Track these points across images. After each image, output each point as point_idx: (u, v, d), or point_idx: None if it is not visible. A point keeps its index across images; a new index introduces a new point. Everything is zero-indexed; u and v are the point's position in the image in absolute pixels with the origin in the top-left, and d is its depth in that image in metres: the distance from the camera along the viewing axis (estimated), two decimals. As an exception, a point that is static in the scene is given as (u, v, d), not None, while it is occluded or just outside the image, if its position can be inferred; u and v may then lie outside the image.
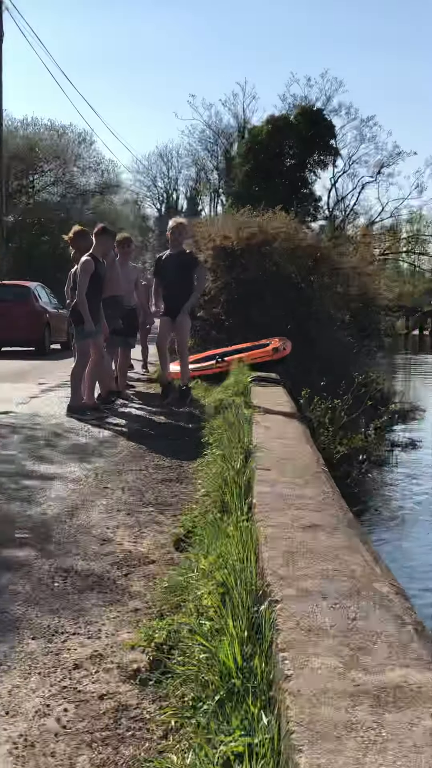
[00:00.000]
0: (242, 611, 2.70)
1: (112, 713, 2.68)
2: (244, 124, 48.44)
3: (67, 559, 4.23)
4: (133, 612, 3.56)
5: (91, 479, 6.07)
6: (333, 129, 41.76)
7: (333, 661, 2.22)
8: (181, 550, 4.35)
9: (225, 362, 11.64)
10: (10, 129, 37.55)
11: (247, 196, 34.68)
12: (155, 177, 61.27)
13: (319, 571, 2.98)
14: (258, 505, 4.02)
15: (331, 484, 4.75)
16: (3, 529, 4.67)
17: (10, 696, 2.77)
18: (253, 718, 2.14)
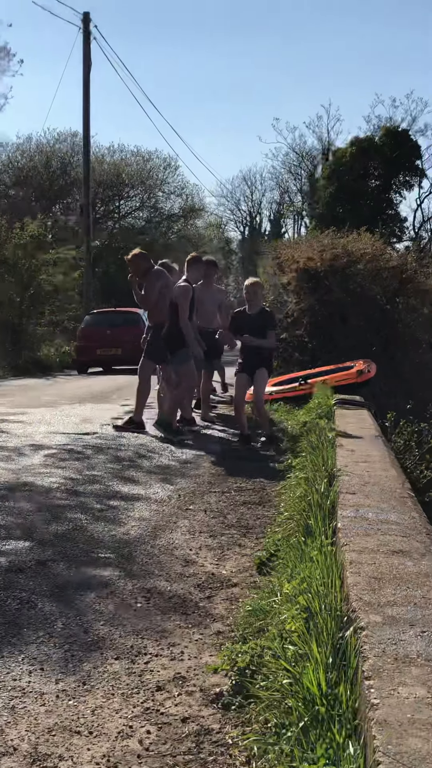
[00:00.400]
0: (327, 637, 2.65)
1: (195, 737, 2.66)
2: (329, 146, 48.38)
3: (150, 580, 4.24)
4: (215, 635, 3.54)
5: (174, 500, 6.09)
6: (419, 149, 41.30)
7: (421, 690, 2.16)
8: (264, 573, 4.32)
9: (308, 384, 11.57)
10: (98, 156, 38.46)
11: (331, 217, 34.58)
12: (239, 200, 61.72)
13: (405, 597, 2.92)
14: (342, 529, 3.96)
15: (417, 509, 4.65)
16: (88, 549, 4.72)
17: (94, 716, 2.78)
18: (339, 746, 2.09)
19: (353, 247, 15.92)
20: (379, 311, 15.49)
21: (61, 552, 4.65)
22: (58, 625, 3.57)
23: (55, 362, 21.78)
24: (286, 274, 16.12)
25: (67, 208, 38.08)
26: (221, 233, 58.94)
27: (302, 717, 2.32)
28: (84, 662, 3.20)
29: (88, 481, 6.52)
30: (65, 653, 3.28)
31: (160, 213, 41.67)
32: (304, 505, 4.83)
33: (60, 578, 4.20)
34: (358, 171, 38.54)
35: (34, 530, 5.06)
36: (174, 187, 42.11)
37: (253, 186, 62.58)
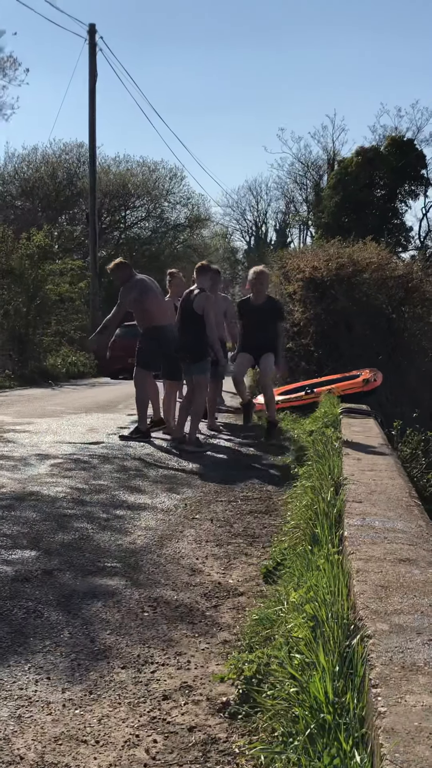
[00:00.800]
0: (333, 645, 2.64)
1: (201, 746, 2.65)
2: (334, 156, 48.48)
3: (157, 589, 4.23)
4: (222, 644, 3.53)
5: (180, 509, 6.09)
6: (424, 159, 41.35)
7: (428, 698, 2.15)
8: (271, 582, 4.31)
9: (314, 393, 11.57)
10: (104, 166, 38.62)
11: (337, 227, 34.62)
12: (244, 210, 61.79)
13: (412, 605, 2.91)
14: (349, 537, 3.95)
15: (424, 518, 4.63)
16: (94, 559, 4.72)
17: (100, 725, 2.78)
18: (346, 755, 2.09)
19: (359, 256, 15.94)
20: (385, 320, 15.49)
21: (67, 561, 4.65)
22: (65, 635, 3.57)
23: (61, 372, 21.83)
24: (292, 284, 16.13)
25: (73, 218, 38.20)
26: (227, 243, 59.10)
27: (309, 725, 2.31)
28: (90, 671, 3.20)
29: (94, 491, 6.52)
30: (72, 662, 3.27)
31: (166, 223, 41.77)
32: (310, 513, 4.82)
33: (66, 587, 4.20)
34: (363, 181, 38.59)
35: (41, 539, 5.06)
36: (180, 197, 42.27)
37: (259, 196, 62.78)
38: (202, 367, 8.87)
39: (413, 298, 16.02)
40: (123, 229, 40.18)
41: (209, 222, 49.23)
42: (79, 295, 24.66)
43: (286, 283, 16.51)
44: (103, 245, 36.28)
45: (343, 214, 38.62)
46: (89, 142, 27.86)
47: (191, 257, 39.62)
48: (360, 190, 38.39)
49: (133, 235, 39.97)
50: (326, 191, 41.38)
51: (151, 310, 9.31)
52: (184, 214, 42.88)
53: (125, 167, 40.50)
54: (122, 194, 39.11)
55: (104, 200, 37.15)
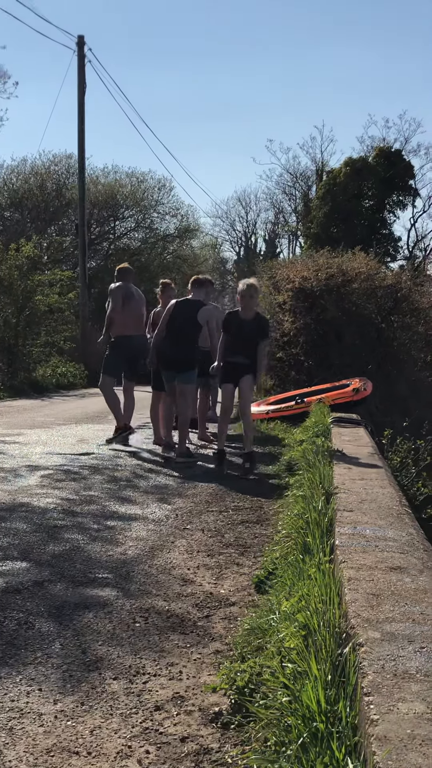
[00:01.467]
0: (325, 654, 2.65)
1: (194, 756, 2.64)
2: (322, 167, 48.65)
3: (148, 600, 4.23)
4: (214, 654, 3.53)
5: (171, 520, 6.09)
6: (412, 169, 41.59)
7: (420, 706, 2.15)
8: (262, 592, 4.31)
9: (305, 403, 11.59)
10: (93, 177, 38.64)
11: (326, 237, 34.77)
12: (234, 221, 61.90)
13: (404, 613, 2.91)
14: (340, 546, 3.96)
15: (415, 526, 4.65)
16: (85, 570, 4.71)
17: (92, 736, 2.77)
18: (338, 763, 2.08)
19: (348, 266, 16.01)
20: (374, 330, 15.55)
21: (58, 572, 4.63)
22: (56, 646, 3.55)
23: (51, 383, 21.79)
24: (282, 294, 16.18)
25: (62, 229, 38.17)
26: (216, 253, 59.16)
27: (301, 734, 2.31)
28: (82, 682, 3.18)
29: (84, 502, 6.51)
30: (63, 674, 3.26)
31: (156, 233, 41.78)
32: (301, 522, 4.82)
33: (57, 599, 4.19)
34: (351, 191, 38.77)
35: (31, 551, 5.05)
36: (169, 207, 42.29)
37: (248, 206, 62.86)
38: (189, 377, 8.87)
39: (402, 307, 16.09)
40: (112, 239, 40.18)
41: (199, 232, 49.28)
42: (68, 306, 24.62)
43: (276, 293, 16.55)
44: (92, 256, 36.29)
45: (331, 225, 38.79)
46: (78, 153, 27.93)
47: (181, 268, 39.68)
48: (348, 201, 38.57)
49: (122, 246, 39.96)
50: (315, 202, 41.55)
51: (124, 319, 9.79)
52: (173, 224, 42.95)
53: (114, 178, 40.57)
54: (111, 205, 39.13)
55: (93, 211, 37.17)
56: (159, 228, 42.08)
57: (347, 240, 25.71)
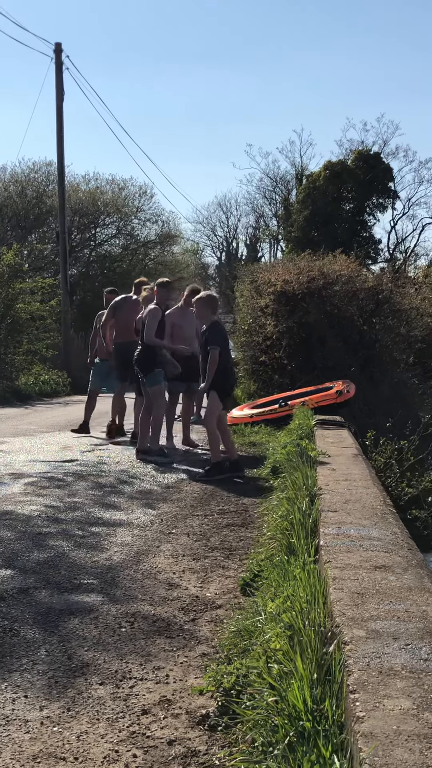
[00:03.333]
0: (311, 653, 2.65)
1: (182, 759, 2.64)
2: (302, 171, 48.78)
3: (134, 605, 4.21)
4: (200, 657, 3.52)
5: (156, 525, 6.07)
6: (391, 172, 41.84)
7: (406, 702, 2.16)
8: (248, 594, 4.30)
9: (288, 406, 11.59)
10: (73, 184, 38.50)
11: (307, 241, 34.88)
12: (215, 226, 61.95)
13: (388, 611, 2.92)
14: (325, 546, 3.96)
15: (399, 525, 4.66)
16: (70, 576, 4.69)
17: (79, 741, 2.75)
18: (325, 761, 2.08)
19: (329, 269, 16.03)
20: (356, 332, 15.58)
21: (43, 579, 4.61)
22: (42, 652, 3.54)
23: (34, 391, 21.69)
24: (264, 298, 16.19)
25: (43, 236, 38.01)
26: (198, 259, 59.17)
27: (288, 734, 2.31)
28: (68, 688, 3.17)
29: (69, 508, 6.49)
30: (49, 680, 3.25)
31: (137, 240, 41.67)
32: (286, 524, 4.83)
33: (42, 605, 4.17)
34: (331, 194, 38.94)
35: (16, 558, 5.03)
36: (150, 214, 42.20)
37: (229, 211, 62.96)
38: (152, 379, 9.03)
39: (384, 309, 16.14)
40: (93, 246, 40.03)
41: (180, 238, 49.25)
42: (50, 314, 24.52)
43: (258, 297, 16.56)
44: (73, 263, 36.15)
45: (312, 228, 38.93)
46: (57, 161, 27.81)
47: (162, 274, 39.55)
48: (328, 204, 38.74)
49: (103, 253, 39.82)
50: (295, 206, 41.70)
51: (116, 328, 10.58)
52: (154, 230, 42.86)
53: (95, 185, 40.46)
54: (92, 212, 38.99)
55: (74, 218, 37.03)
56: (140, 234, 42.01)
57: (328, 243, 25.79)
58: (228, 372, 8.44)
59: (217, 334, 8.25)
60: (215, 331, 8.33)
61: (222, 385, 8.26)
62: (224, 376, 8.28)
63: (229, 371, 8.47)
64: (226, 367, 8.30)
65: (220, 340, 8.20)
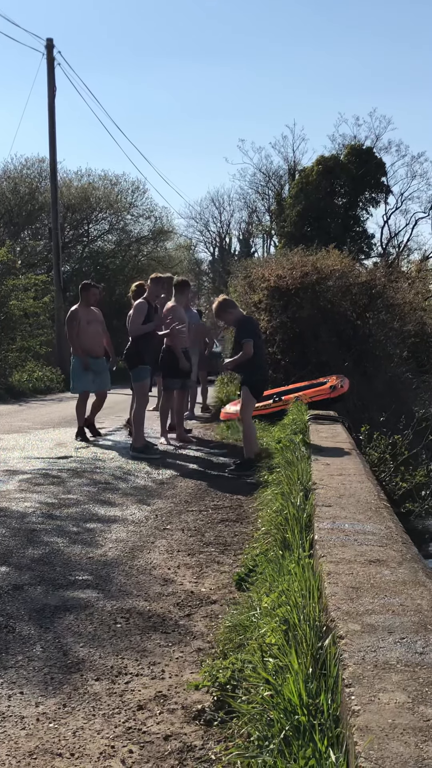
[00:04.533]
0: (306, 647, 2.65)
1: (178, 754, 2.64)
2: (295, 166, 48.81)
3: (129, 600, 4.22)
4: (196, 652, 3.53)
5: (151, 521, 6.07)
6: (383, 167, 41.86)
7: (401, 696, 2.16)
8: (243, 589, 4.31)
9: (282, 401, 11.60)
10: (66, 180, 38.45)
11: (300, 236, 34.86)
12: (207, 221, 61.90)
13: (383, 605, 2.92)
14: (319, 541, 3.97)
15: (393, 520, 4.67)
16: (65, 572, 4.69)
17: (75, 737, 2.76)
18: (321, 755, 2.09)
19: (322, 264, 16.02)
20: (350, 327, 15.57)
21: (38, 576, 4.61)
22: (37, 649, 3.54)
23: (28, 388, 21.66)
24: (257, 293, 16.18)
25: (36, 233, 37.96)
26: (191, 255, 59.10)
27: (284, 728, 2.32)
28: (64, 684, 3.17)
29: (64, 505, 6.49)
30: (45, 676, 3.25)
31: (130, 236, 41.62)
32: (280, 519, 4.83)
33: (37, 602, 4.17)
34: (324, 189, 38.93)
35: (10, 555, 5.02)
36: (142, 209, 42.17)
37: (221, 207, 63.00)
38: (136, 375, 9.13)
39: (377, 304, 16.13)
40: (86, 242, 39.99)
41: (173, 234, 49.17)
42: (43, 310, 24.49)
43: (251, 292, 16.55)
44: (66, 259, 36.11)
45: (305, 223, 38.92)
46: (50, 157, 27.76)
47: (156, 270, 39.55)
48: (321, 199, 38.72)
49: (96, 249, 39.74)
50: (288, 201, 41.66)
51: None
52: (147, 226, 42.81)
53: (87, 181, 40.37)
54: (84, 208, 38.94)
55: (67, 214, 36.99)
56: (133, 230, 41.97)
57: (321, 238, 25.72)
58: (261, 367, 8.40)
59: (249, 327, 8.34)
60: (247, 324, 8.40)
61: (254, 379, 8.30)
62: (257, 371, 8.31)
63: (261, 365, 8.43)
64: (259, 362, 8.29)
65: (252, 332, 8.21)
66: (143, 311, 8.97)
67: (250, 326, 8.28)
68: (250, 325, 8.33)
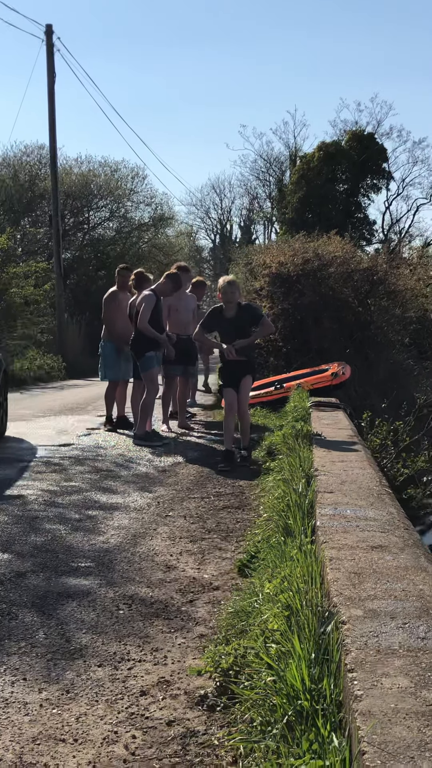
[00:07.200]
0: (309, 633, 2.65)
1: (181, 739, 2.65)
2: (296, 152, 48.53)
3: (131, 587, 4.22)
4: (198, 638, 3.53)
5: (153, 508, 6.08)
6: (385, 152, 41.67)
7: (404, 680, 2.16)
8: (245, 575, 4.32)
9: (284, 389, 11.59)
10: (65, 167, 38.28)
11: (301, 222, 34.73)
12: (208, 208, 61.78)
13: (386, 591, 2.93)
14: (321, 527, 3.97)
15: (395, 505, 4.67)
16: (67, 559, 4.70)
17: (78, 723, 2.76)
18: (324, 740, 2.09)
19: (324, 250, 15.99)
20: (351, 314, 15.56)
21: (40, 563, 4.62)
22: (40, 635, 3.54)
23: (29, 376, 21.65)
24: (258, 280, 16.16)
25: (36, 220, 37.80)
26: (192, 242, 58.94)
27: (287, 713, 2.32)
28: (67, 671, 3.18)
29: (66, 492, 6.49)
30: (48, 662, 3.26)
31: (130, 223, 41.43)
32: (282, 505, 4.83)
33: (40, 589, 4.18)
34: (325, 176, 38.75)
35: (12, 542, 5.03)
36: (143, 196, 41.95)
37: (222, 193, 62.82)
38: (143, 364, 9.03)
39: (379, 290, 16.11)
40: (87, 230, 39.85)
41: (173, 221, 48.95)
42: (44, 298, 24.46)
43: (253, 279, 16.54)
44: (67, 247, 35.95)
45: (306, 210, 38.77)
46: (50, 144, 27.63)
47: (156, 257, 39.48)
48: (322, 185, 38.55)
49: (97, 236, 39.58)
50: (289, 187, 41.49)
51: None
52: (147, 213, 42.60)
53: (87, 168, 40.18)
54: (85, 195, 38.75)
55: (67, 201, 36.82)
56: (133, 217, 41.77)
57: (322, 224, 25.64)
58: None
59: (254, 309, 8.47)
60: (256, 306, 8.55)
61: (254, 366, 8.34)
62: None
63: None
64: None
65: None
66: (151, 304, 8.86)
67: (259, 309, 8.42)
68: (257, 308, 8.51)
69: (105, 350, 10.25)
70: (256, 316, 8.22)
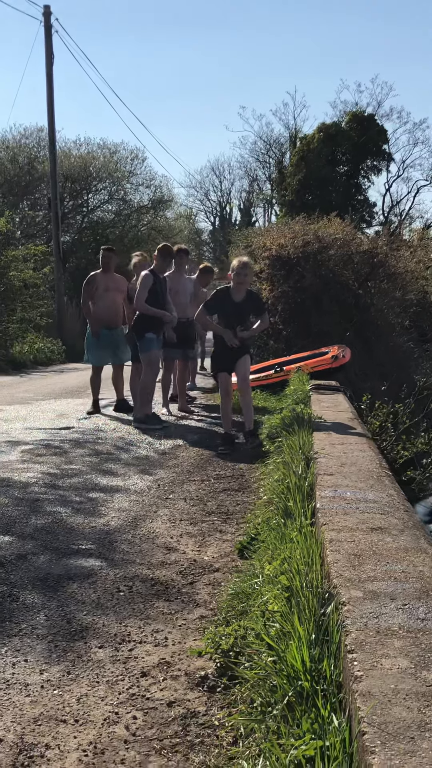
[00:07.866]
0: (309, 614, 2.66)
1: (181, 720, 2.66)
2: (296, 133, 48.30)
3: (132, 569, 4.24)
4: (199, 619, 3.55)
5: (153, 490, 6.09)
6: (385, 134, 41.43)
7: (403, 661, 2.17)
8: (246, 557, 4.33)
9: (284, 371, 11.59)
10: (64, 150, 38.08)
11: (301, 204, 34.63)
12: (208, 190, 61.60)
13: (385, 572, 2.93)
14: (321, 509, 3.98)
15: (395, 488, 4.67)
16: (68, 541, 4.71)
17: (79, 704, 2.78)
18: (324, 720, 2.10)
19: (324, 232, 15.92)
20: (352, 296, 15.51)
21: (41, 545, 4.63)
22: (41, 617, 3.56)
23: (29, 359, 21.63)
24: (258, 262, 16.10)
25: (35, 203, 37.66)
26: (191, 224, 58.78)
27: (287, 694, 2.33)
28: (68, 652, 3.19)
29: (66, 475, 6.50)
30: (49, 644, 3.27)
31: (129, 205, 41.27)
32: (282, 488, 4.84)
33: (41, 570, 4.19)
34: (325, 157, 38.56)
35: (14, 524, 5.04)
36: (142, 178, 41.78)
37: (222, 176, 62.74)
38: (142, 345, 8.99)
39: (379, 273, 16.06)
40: (86, 212, 39.70)
41: (173, 203, 48.79)
42: (43, 281, 24.39)
43: (253, 262, 16.47)
44: (66, 230, 35.86)
45: (306, 192, 38.61)
46: (48, 126, 27.46)
47: (156, 239, 39.35)
48: (323, 167, 38.36)
49: (96, 219, 39.43)
50: (289, 169, 41.28)
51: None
52: (147, 195, 42.43)
53: (86, 150, 39.97)
54: (84, 177, 38.58)
55: (66, 184, 36.66)
56: (133, 200, 41.60)
57: (322, 206, 25.51)
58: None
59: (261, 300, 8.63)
60: (260, 298, 8.63)
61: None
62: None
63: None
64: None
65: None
66: (147, 285, 8.82)
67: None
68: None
69: (87, 334, 10.30)
70: (260, 308, 8.24)
